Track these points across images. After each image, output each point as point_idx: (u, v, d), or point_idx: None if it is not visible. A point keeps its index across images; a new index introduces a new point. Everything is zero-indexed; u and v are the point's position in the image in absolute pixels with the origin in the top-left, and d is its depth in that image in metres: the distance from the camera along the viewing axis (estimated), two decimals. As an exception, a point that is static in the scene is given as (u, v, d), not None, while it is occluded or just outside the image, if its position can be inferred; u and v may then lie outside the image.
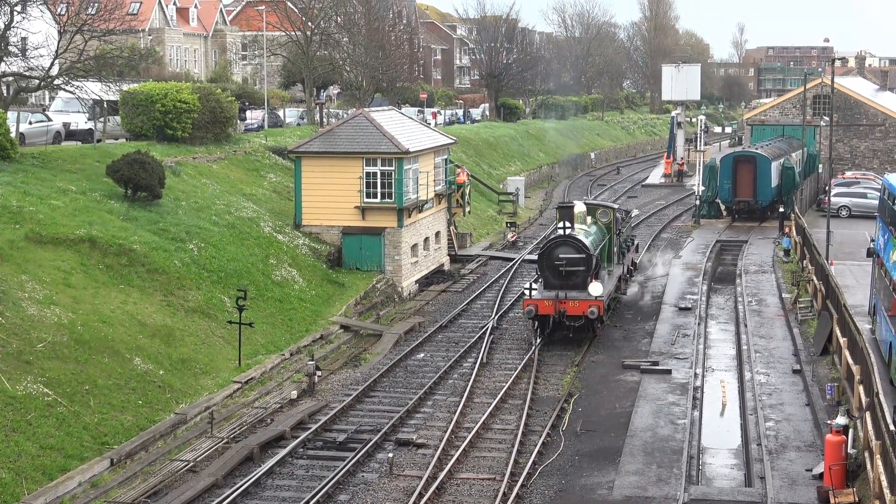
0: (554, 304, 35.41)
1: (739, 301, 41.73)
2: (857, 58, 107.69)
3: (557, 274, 35.97)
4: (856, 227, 54.96)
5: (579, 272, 35.89)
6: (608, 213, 41.05)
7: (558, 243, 36.16)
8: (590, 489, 23.72)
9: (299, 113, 71.46)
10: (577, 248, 36.01)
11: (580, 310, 35.32)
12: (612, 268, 40.34)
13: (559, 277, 35.96)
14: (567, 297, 35.45)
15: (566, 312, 35.45)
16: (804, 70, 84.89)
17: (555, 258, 35.99)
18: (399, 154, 43.18)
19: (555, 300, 35.42)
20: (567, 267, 35.81)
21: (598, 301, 35.49)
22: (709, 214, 63.70)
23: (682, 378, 31.80)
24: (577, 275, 35.89)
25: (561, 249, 36.00)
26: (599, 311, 35.49)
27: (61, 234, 32.06)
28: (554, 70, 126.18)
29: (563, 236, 36.11)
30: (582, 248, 36.05)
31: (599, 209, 41.20)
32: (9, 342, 25.49)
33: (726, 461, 26.11)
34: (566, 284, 35.85)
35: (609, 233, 40.38)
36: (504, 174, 77.62)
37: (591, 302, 35.37)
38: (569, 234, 36.09)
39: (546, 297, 35.63)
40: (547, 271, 36.28)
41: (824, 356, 32.57)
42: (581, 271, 35.90)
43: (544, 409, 29.49)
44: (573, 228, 36.39)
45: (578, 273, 35.89)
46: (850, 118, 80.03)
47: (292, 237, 42.41)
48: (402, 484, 24.10)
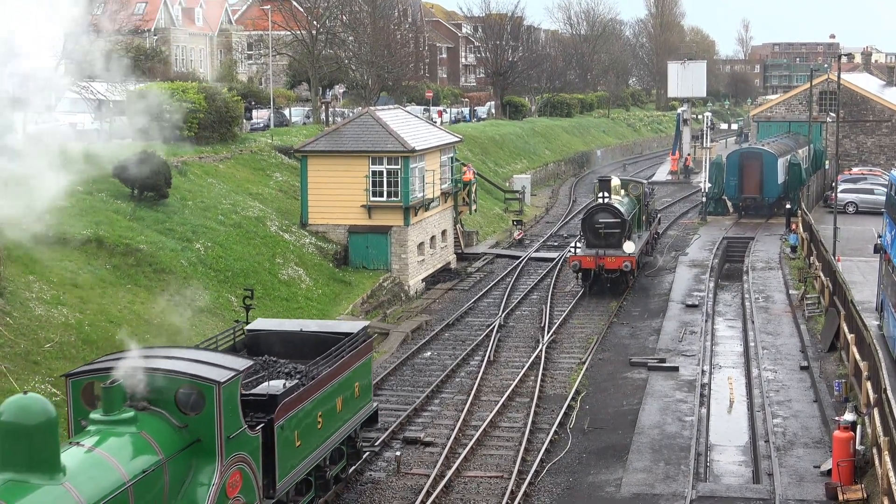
0: (595, 260, 42.36)
1: (746, 298, 41.68)
2: (863, 54, 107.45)
3: (597, 235, 42.94)
4: (863, 223, 54.90)
5: (615, 234, 42.80)
6: (638, 187, 48.48)
7: (598, 209, 43.33)
8: (598, 487, 23.72)
9: (305, 112, 71.51)
10: (614, 214, 43.06)
11: (616, 264, 42.26)
12: (640, 233, 47.17)
13: (598, 238, 42.89)
14: (605, 254, 42.39)
15: (605, 267, 42.39)
16: (810, 66, 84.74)
17: (595, 222, 43.13)
18: (405, 152, 43.18)
19: (595, 256, 42.39)
20: (605, 229, 42.85)
21: (630, 257, 42.41)
22: (715, 211, 63.62)
23: (690, 375, 31.78)
24: (613, 236, 42.75)
25: (600, 215, 43.10)
26: (632, 265, 42.46)
27: (68, 234, 32.12)
28: (559, 68, 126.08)
29: (603, 204, 43.31)
30: (618, 213, 43.11)
31: (631, 184, 48.71)
32: (16, 342, 25.54)
33: (734, 458, 26.10)
34: (604, 244, 42.70)
35: (639, 203, 47.25)
36: (510, 172, 77.58)
37: (626, 258, 42.31)
38: (607, 202, 43.36)
39: (588, 254, 42.55)
40: (588, 233, 43.33)
41: (832, 352, 32.52)
42: (617, 233, 42.82)
43: (552, 406, 29.48)
44: (610, 198, 43.57)
45: (615, 234, 42.78)
46: (857, 114, 79.93)
47: (299, 236, 42.44)
48: (409, 482, 24.11)
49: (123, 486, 15.00)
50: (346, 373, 21.83)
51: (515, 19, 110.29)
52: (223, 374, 17.04)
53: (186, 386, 16.78)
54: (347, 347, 22.12)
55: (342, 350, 21.82)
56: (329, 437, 21.18)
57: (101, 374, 16.77)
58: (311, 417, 20.13)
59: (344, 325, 24.87)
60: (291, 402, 19.17)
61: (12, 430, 13.96)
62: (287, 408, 18.98)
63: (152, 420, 16.39)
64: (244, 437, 17.52)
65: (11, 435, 13.97)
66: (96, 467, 14.98)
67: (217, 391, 16.65)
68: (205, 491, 16.46)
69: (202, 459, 16.65)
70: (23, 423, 14.00)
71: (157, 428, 16.34)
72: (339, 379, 21.42)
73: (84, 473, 14.68)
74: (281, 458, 18.84)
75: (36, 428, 14.02)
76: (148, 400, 16.65)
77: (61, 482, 14.23)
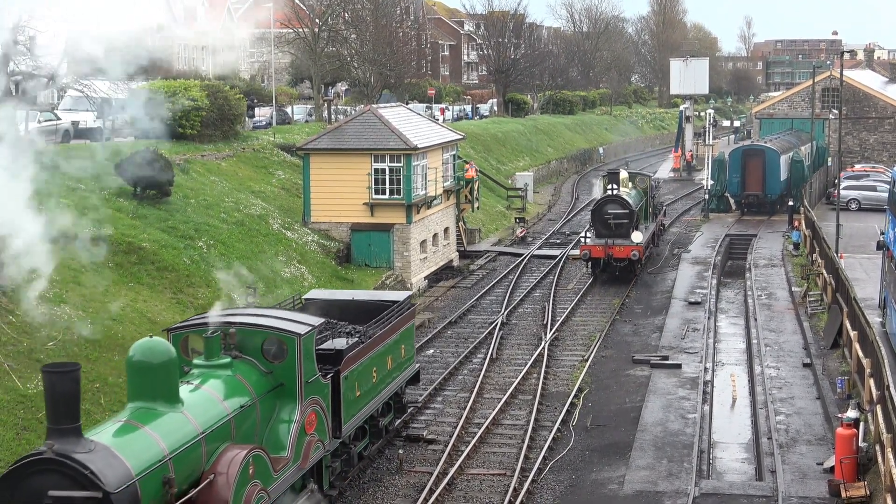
0: (604, 249, 43.88)
1: (749, 295, 41.67)
2: (865, 50, 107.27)
3: (606, 225, 44.40)
4: (865, 220, 54.86)
5: (624, 224, 44.25)
6: (645, 180, 50.72)
7: (607, 201, 44.85)
8: (600, 484, 23.72)
9: (307, 110, 71.49)
10: (622, 205, 44.58)
11: (624, 253, 43.88)
12: (647, 224, 48.67)
13: (607, 228, 44.37)
14: (614, 244, 43.93)
15: (613, 256, 43.94)
16: (813, 63, 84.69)
17: (604, 213, 44.61)
18: (407, 150, 43.18)
19: (604, 246, 43.94)
20: (614, 220, 44.32)
21: (638, 246, 44.00)
22: (718, 208, 63.55)
23: (693, 372, 31.77)
24: (622, 226, 44.24)
25: (609, 206, 44.62)
26: (640, 254, 44.12)
27: (70, 232, 32.09)
28: (562, 65, 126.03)
29: (611, 195, 44.85)
30: (626, 204, 44.61)
31: (638, 177, 50.90)
32: (19, 341, 25.56)
33: (737, 455, 26.10)
34: (613, 234, 44.23)
35: (646, 196, 48.99)
36: (512, 169, 77.56)
37: (633, 247, 43.91)
38: (615, 193, 44.87)
39: (597, 244, 44.11)
40: (598, 223, 44.78)
41: (834, 350, 32.50)
42: (625, 223, 44.26)
43: (554, 404, 29.49)
44: (618, 190, 45.11)
45: (623, 225, 44.24)
46: (860, 111, 79.85)
47: (301, 234, 42.44)
48: (412, 480, 24.13)
49: (227, 417, 18.07)
50: (395, 335, 25.17)
51: (518, 16, 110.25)
52: (302, 328, 20.12)
53: (271, 338, 19.80)
54: (395, 313, 25.32)
55: (392, 315, 25.09)
56: (381, 391, 24.44)
57: (196, 328, 19.80)
58: (367, 372, 23.37)
59: (390, 295, 29.14)
60: (353, 357, 22.38)
61: (141, 368, 16.86)
62: (350, 361, 22.16)
63: (244, 366, 19.45)
64: (318, 384, 20.66)
65: (140, 371, 16.88)
66: (205, 401, 17.97)
67: (298, 342, 19.74)
68: (287, 427, 19.58)
69: (284, 400, 19.76)
70: (149, 362, 16.87)
71: (248, 372, 19.37)
72: (389, 340, 24.69)
73: (196, 406, 17.64)
74: (345, 404, 21.93)
75: (160, 366, 16.90)
76: (238, 350, 19.63)
77: (181, 410, 17.20)
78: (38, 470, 15.11)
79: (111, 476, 15.17)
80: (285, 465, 19.20)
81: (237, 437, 18.28)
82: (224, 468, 17.25)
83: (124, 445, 15.93)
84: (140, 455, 15.95)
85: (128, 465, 15.60)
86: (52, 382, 15.25)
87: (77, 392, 15.46)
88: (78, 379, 15.49)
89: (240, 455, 17.52)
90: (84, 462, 15.08)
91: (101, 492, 14.96)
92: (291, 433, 19.55)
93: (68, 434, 15.29)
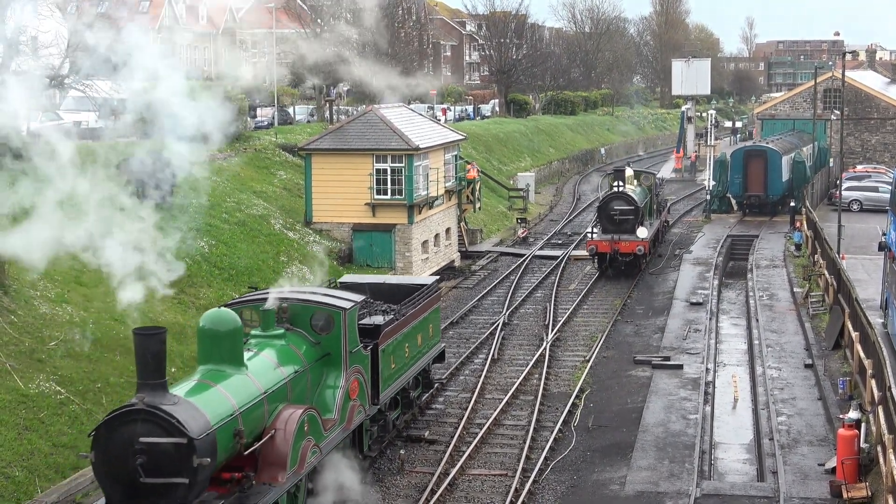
0: (610, 244, 45.24)
1: (751, 296, 41.65)
2: (867, 51, 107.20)
3: (612, 221, 45.68)
4: (867, 220, 54.82)
5: (629, 220, 45.52)
6: (649, 177, 51.91)
7: (613, 197, 46.09)
8: (602, 484, 23.71)
9: (309, 110, 71.48)
10: (628, 202, 45.89)
11: (630, 248, 45.14)
12: (652, 220, 49.69)
13: (613, 224, 45.64)
14: (620, 239, 45.27)
15: (619, 250, 45.25)
16: (814, 64, 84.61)
17: (610, 209, 45.82)
18: (409, 150, 43.19)
19: (610, 241, 45.30)
20: (620, 216, 45.57)
21: (643, 242, 45.31)
22: (719, 209, 63.53)
23: (694, 373, 31.76)
24: (627, 222, 45.52)
25: (615, 202, 45.88)
26: (645, 249, 45.54)
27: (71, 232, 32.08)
28: (563, 65, 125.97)
29: (617, 192, 46.11)
30: (631, 201, 45.94)
31: (642, 174, 52.09)
32: (21, 340, 25.57)
33: (738, 456, 26.08)
34: (619, 229, 45.55)
35: (650, 193, 50.18)
36: (514, 170, 77.56)
37: (639, 242, 45.13)
38: (621, 190, 46.16)
39: (604, 239, 45.47)
40: (604, 219, 46.01)
41: (836, 350, 32.50)
42: (630, 219, 45.52)
43: (556, 404, 29.49)
44: (624, 187, 46.42)
45: (628, 220, 45.52)
46: (861, 112, 79.82)
47: (303, 234, 42.45)
48: (413, 480, 24.13)
49: (283, 380, 20.14)
50: (424, 315, 27.24)
51: (519, 17, 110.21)
52: (347, 304, 22.34)
53: (320, 312, 21.98)
54: (425, 294, 27.53)
55: (422, 296, 27.31)
56: (412, 365, 26.52)
57: (253, 303, 21.86)
58: (401, 346, 25.46)
59: (418, 279, 32.15)
60: (389, 332, 24.49)
61: (210, 334, 18.89)
62: (387, 336, 24.29)
63: (295, 337, 21.55)
64: (360, 354, 22.82)
65: (210, 338, 18.91)
66: (264, 366, 20.04)
67: (343, 316, 21.93)
68: (333, 392, 21.80)
69: (331, 368, 21.95)
70: (218, 329, 18.89)
71: (299, 343, 21.51)
72: (419, 319, 26.74)
73: (257, 369, 19.70)
74: (383, 375, 24.06)
75: (227, 333, 18.90)
76: (290, 322, 21.75)
77: (245, 373, 19.21)
78: (130, 419, 16.88)
79: (194, 425, 16.97)
80: (333, 425, 21.48)
81: (292, 399, 20.35)
82: (283, 424, 19.38)
83: (201, 400, 17.78)
84: (215, 409, 17.82)
85: (206, 416, 17.44)
86: (143, 343, 17.05)
87: (163, 352, 17.23)
88: (164, 340, 17.22)
89: (296, 413, 19.66)
90: (171, 412, 16.84)
91: (186, 438, 16.74)
92: (337, 398, 21.79)
93: (156, 388, 17.07)
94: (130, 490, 16.93)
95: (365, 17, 58.71)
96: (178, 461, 16.78)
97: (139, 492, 16.88)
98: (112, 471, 17.04)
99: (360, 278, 29.96)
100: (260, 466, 18.99)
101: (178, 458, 16.77)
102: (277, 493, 18.78)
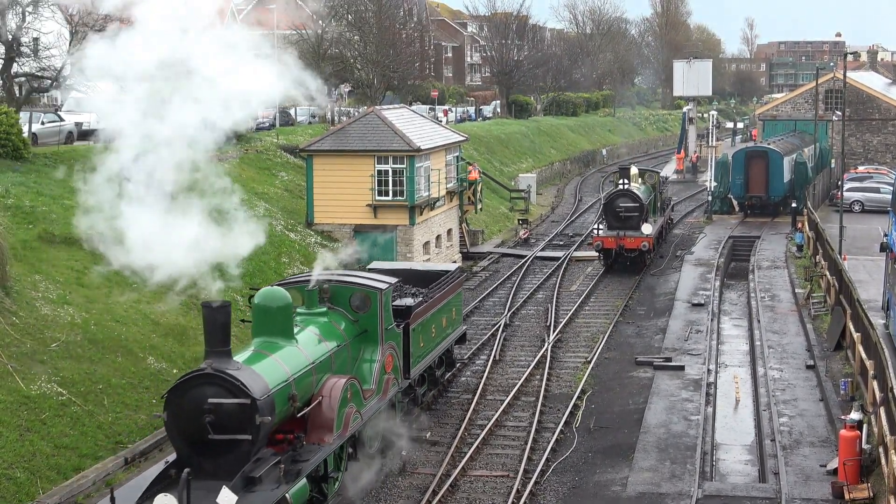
0: (616, 240, 46.04)
1: (752, 297, 41.63)
2: (869, 52, 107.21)
3: (618, 218, 46.64)
4: (869, 221, 54.80)
5: (634, 217, 46.46)
6: (654, 175, 53.00)
7: (619, 195, 47.07)
8: (603, 485, 23.70)
9: (310, 111, 71.47)
10: (633, 199, 46.81)
11: (635, 244, 46.02)
12: (656, 217, 50.73)
13: (619, 220, 46.62)
14: (625, 235, 46.11)
15: (625, 247, 46.07)
16: (816, 65, 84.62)
17: (616, 206, 46.83)
18: (410, 152, 43.19)
19: (616, 237, 46.08)
20: (625, 213, 46.59)
21: (648, 238, 46.22)
22: (721, 210, 63.50)
23: (696, 374, 31.75)
24: (632, 219, 46.45)
25: (621, 199, 46.89)
26: (649, 245, 46.40)
27: (74, 233, 32.11)
28: (565, 66, 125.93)
29: (623, 190, 47.12)
30: (636, 198, 46.85)
31: (647, 173, 53.06)
32: (23, 342, 25.57)
33: (740, 457, 26.07)
34: (624, 226, 46.49)
35: (654, 191, 51.31)
36: (516, 171, 77.53)
37: (643, 238, 46.10)
38: (627, 188, 47.10)
39: (609, 235, 46.29)
40: (609, 216, 46.96)
41: (838, 351, 32.48)
42: (635, 216, 46.45)
43: (557, 405, 29.47)
44: (629, 184, 47.27)
45: (633, 217, 46.45)
46: (863, 112, 79.82)
47: (304, 235, 42.45)
48: (415, 481, 24.12)
49: (328, 352, 22.20)
50: (448, 298, 29.23)
51: (521, 18, 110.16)
52: (383, 285, 24.37)
53: (358, 293, 23.97)
54: (448, 280, 29.52)
55: (446, 281, 29.35)
56: (438, 345, 28.59)
57: (298, 284, 23.90)
58: (428, 327, 27.45)
59: (441, 266, 34.95)
60: (419, 313, 26.52)
61: (265, 310, 20.90)
62: (417, 316, 26.30)
63: (336, 315, 23.59)
64: (393, 332, 24.91)
65: (264, 313, 20.90)
66: (310, 340, 22.03)
67: (380, 296, 23.97)
68: (370, 366, 23.81)
69: (368, 344, 23.95)
70: (271, 305, 20.91)
71: (340, 320, 23.53)
72: (444, 302, 28.72)
73: (305, 342, 21.70)
74: (413, 351, 26.14)
75: (279, 308, 20.93)
76: (331, 302, 23.72)
77: (295, 345, 21.21)
78: (199, 382, 18.68)
79: (256, 387, 18.82)
80: (371, 395, 23.51)
81: (334, 371, 22.27)
82: (328, 392, 21.37)
83: (260, 367, 19.67)
84: (272, 374, 19.72)
85: (266, 380, 19.33)
86: (211, 315, 18.89)
87: (228, 323, 19.09)
88: (230, 313, 19.17)
89: (340, 382, 21.68)
90: (236, 376, 18.68)
91: (250, 398, 18.49)
92: (374, 370, 23.79)
93: (222, 355, 18.92)
94: (199, 446, 18.62)
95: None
96: (243, 419, 18.50)
97: (207, 447, 18.60)
98: (183, 429, 18.73)
99: (387, 265, 31.95)
100: (309, 429, 20.83)
101: (243, 417, 18.48)
102: (325, 453, 20.63)
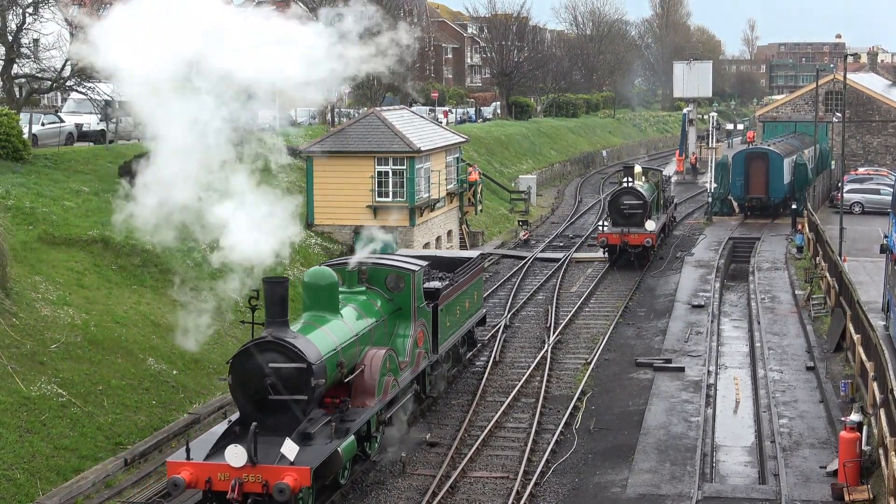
0: (620, 237, 47.21)
1: (752, 298, 41.62)
2: (869, 53, 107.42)
3: (622, 215, 47.94)
4: (869, 223, 54.81)
5: (638, 214, 47.73)
6: (657, 174, 54.34)
7: (623, 192, 48.45)
8: (603, 487, 23.70)
9: (310, 112, 71.45)
10: (637, 196, 48.15)
11: (639, 240, 47.16)
12: (659, 215, 51.72)
13: (623, 217, 47.90)
14: (629, 232, 47.25)
15: (629, 243, 47.19)
16: (816, 66, 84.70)
17: (620, 203, 48.12)
18: (411, 153, 43.18)
19: (620, 234, 47.29)
20: (629, 210, 47.82)
21: (651, 234, 47.36)
22: (721, 211, 63.48)
23: (696, 375, 31.74)
24: (636, 216, 47.72)
25: (625, 197, 48.23)
26: (653, 241, 47.60)
27: (74, 234, 32.14)
28: (565, 68, 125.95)
29: (627, 187, 48.48)
30: (640, 195, 48.22)
31: (650, 171, 54.50)
32: (23, 343, 25.57)
33: (740, 458, 26.06)
34: (628, 222, 47.75)
35: (657, 189, 52.51)
36: (516, 172, 77.53)
37: (647, 235, 47.23)
38: (631, 185, 48.45)
39: (614, 232, 47.55)
40: (614, 213, 48.26)
41: (838, 353, 32.47)
42: (639, 213, 47.74)
43: (557, 407, 29.46)
44: (633, 182, 48.66)
45: (637, 214, 47.72)
46: (863, 114, 79.85)
47: (304, 236, 42.45)
48: (415, 483, 24.11)
49: (368, 326, 24.48)
50: (470, 283, 31.40)
51: (521, 19, 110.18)
52: (416, 267, 26.73)
53: (393, 274, 26.30)
54: (471, 265, 31.68)
55: (469, 267, 31.46)
56: (462, 326, 30.78)
57: (339, 266, 25.95)
58: (454, 308, 29.63)
59: (463, 253, 38.41)
60: (446, 295, 28.76)
61: (314, 287, 23.41)
62: (444, 298, 28.50)
63: (373, 294, 25.98)
64: (424, 310, 27.20)
65: (314, 289, 23.40)
66: (353, 315, 24.32)
67: (413, 277, 26.29)
68: (404, 340, 26.11)
69: (402, 321, 26.28)
70: (319, 283, 23.45)
71: (377, 298, 25.90)
72: (466, 286, 30.86)
73: (348, 317, 24.05)
74: (441, 330, 28.35)
75: (326, 286, 23.45)
76: (368, 282, 26.12)
77: (341, 319, 23.60)
78: (261, 349, 20.93)
79: (311, 353, 21.18)
80: (405, 366, 25.74)
81: (373, 343, 24.51)
82: (370, 361, 23.71)
83: (313, 336, 22.05)
84: (323, 343, 22.07)
85: (318, 348, 21.67)
86: (271, 288, 21.19)
87: (286, 296, 21.39)
88: (287, 287, 21.54)
89: (380, 353, 24.07)
90: (293, 343, 21.00)
91: (306, 363, 20.84)
92: (408, 344, 26.07)
93: (281, 325, 21.25)
94: (261, 406, 20.87)
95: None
96: (299, 382, 20.80)
97: (268, 407, 20.85)
98: (246, 390, 20.98)
99: (413, 252, 34.16)
100: (353, 394, 23.19)
101: (299, 380, 20.79)
102: (368, 414, 22.99)
